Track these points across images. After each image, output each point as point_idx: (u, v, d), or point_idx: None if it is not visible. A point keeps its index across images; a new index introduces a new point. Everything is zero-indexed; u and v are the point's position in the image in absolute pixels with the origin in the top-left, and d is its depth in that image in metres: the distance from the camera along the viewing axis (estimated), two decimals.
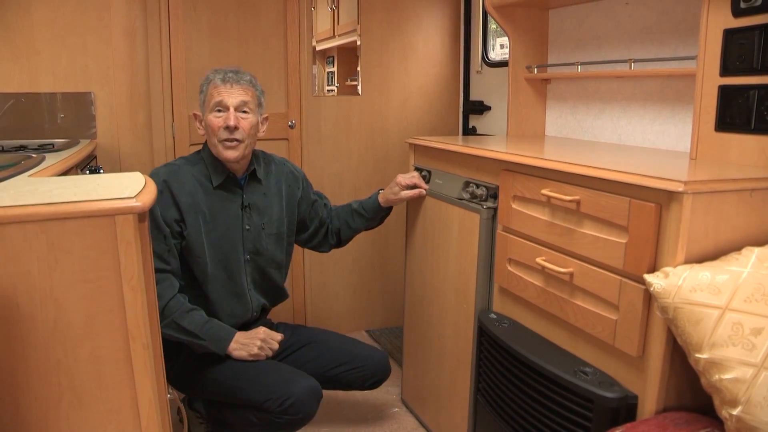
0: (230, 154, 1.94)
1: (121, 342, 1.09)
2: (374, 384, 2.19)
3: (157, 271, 1.81)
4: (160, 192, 1.88)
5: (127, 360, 1.10)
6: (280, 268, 2.19)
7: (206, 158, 2.01)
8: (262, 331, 2.01)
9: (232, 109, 1.93)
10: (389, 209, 2.32)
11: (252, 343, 1.96)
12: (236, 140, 1.93)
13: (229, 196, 2.02)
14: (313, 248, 2.36)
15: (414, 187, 2.26)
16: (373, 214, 2.28)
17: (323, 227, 2.30)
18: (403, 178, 2.26)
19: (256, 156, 2.09)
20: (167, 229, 1.89)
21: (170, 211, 1.91)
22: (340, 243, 2.35)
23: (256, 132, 2.01)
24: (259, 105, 2.02)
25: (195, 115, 2.04)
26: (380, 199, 2.27)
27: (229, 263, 2.02)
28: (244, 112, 1.95)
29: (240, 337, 1.96)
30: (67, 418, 1.09)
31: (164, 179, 1.92)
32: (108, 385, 1.10)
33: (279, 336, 2.03)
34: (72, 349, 1.07)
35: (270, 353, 1.99)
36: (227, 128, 1.91)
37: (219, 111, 1.93)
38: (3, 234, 0.99)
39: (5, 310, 1.01)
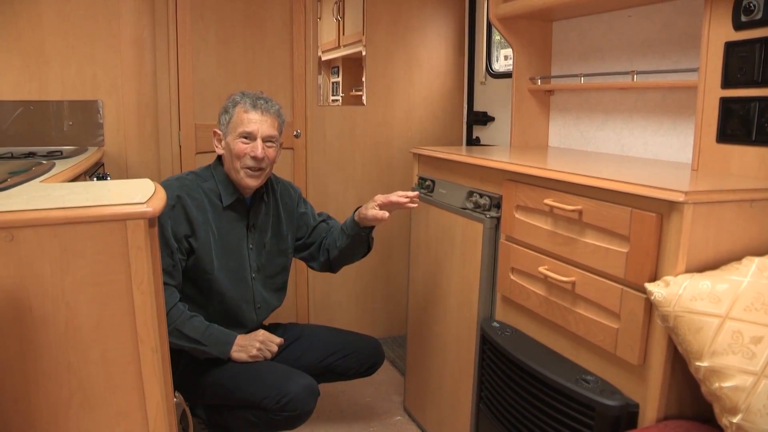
0: (252, 183, 1.98)
1: (130, 345, 1.11)
2: (370, 369, 2.22)
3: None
4: (171, 206, 1.90)
5: (136, 363, 1.12)
6: (284, 282, 2.23)
7: (217, 176, 2.02)
8: (261, 333, 2.05)
9: (260, 140, 1.95)
10: (368, 232, 2.14)
11: (251, 344, 1.99)
12: (260, 169, 1.97)
13: (237, 216, 2.04)
14: (304, 260, 2.31)
15: (391, 207, 2.07)
16: (350, 231, 2.11)
17: (316, 242, 2.24)
18: (381, 196, 2.06)
19: None
20: (175, 245, 1.90)
21: (181, 226, 1.92)
22: (330, 264, 2.22)
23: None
24: (280, 134, 2.06)
25: (215, 132, 2.04)
26: (355, 214, 2.12)
27: (236, 281, 2.05)
28: (270, 142, 1.98)
29: (240, 339, 1.99)
30: (77, 420, 1.11)
31: (178, 194, 1.92)
32: (117, 388, 1.12)
33: (278, 339, 2.06)
34: (82, 352, 1.09)
35: (269, 355, 2.01)
36: (254, 158, 1.94)
37: (246, 138, 1.95)
38: (17, 238, 1.01)
39: (18, 312, 1.03)
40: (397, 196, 2.04)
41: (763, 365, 1.17)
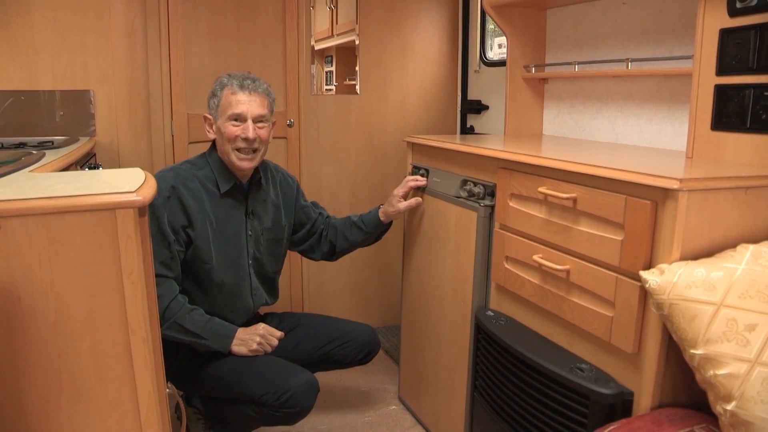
0: (246, 165, 1.96)
1: (120, 336, 1.10)
2: (366, 357, 2.22)
3: (158, 276, 1.79)
4: (167, 198, 1.87)
5: (127, 354, 1.11)
6: (278, 272, 2.23)
7: (213, 163, 2.00)
8: (261, 327, 2.03)
9: (250, 121, 1.93)
10: (388, 225, 2.32)
11: (251, 339, 1.97)
12: (253, 150, 1.96)
13: (235, 203, 2.03)
14: (302, 252, 2.36)
15: (413, 194, 2.29)
16: (372, 228, 2.28)
17: (315, 233, 2.30)
18: (399, 189, 2.27)
19: None
20: (172, 237, 1.87)
21: (178, 217, 1.89)
22: (333, 254, 2.33)
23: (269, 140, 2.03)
24: (271, 113, 2.03)
25: (205, 117, 2.00)
26: (380, 213, 2.27)
27: (235, 269, 2.03)
28: (261, 122, 1.97)
29: (240, 333, 1.98)
30: (67, 411, 1.10)
31: (172, 185, 1.90)
32: (108, 379, 1.11)
33: (278, 333, 2.05)
34: (72, 343, 1.08)
35: (269, 349, 2.00)
36: (245, 139, 1.93)
37: (236, 120, 1.93)
38: (4, 227, 1.00)
39: (7, 303, 1.02)
40: (413, 181, 2.27)
41: (758, 352, 1.16)
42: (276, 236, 2.17)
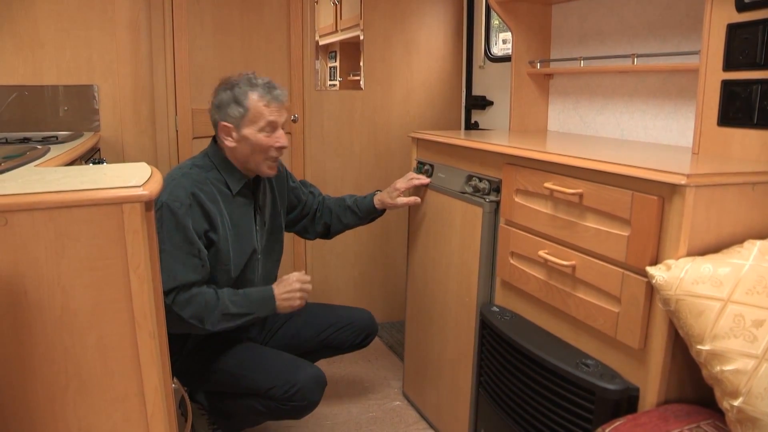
0: (273, 172, 1.99)
1: (127, 330, 1.10)
2: (365, 340, 2.24)
3: (191, 283, 1.80)
4: (189, 205, 1.83)
5: (134, 348, 1.11)
6: (279, 257, 2.24)
7: (219, 164, 1.96)
8: (294, 279, 1.98)
9: (281, 130, 1.94)
10: (383, 211, 2.34)
11: (292, 296, 1.95)
12: (279, 157, 1.99)
13: (245, 201, 2.02)
14: (297, 233, 2.38)
15: (413, 191, 2.30)
16: (366, 214, 2.31)
17: (308, 214, 2.32)
18: (402, 183, 2.28)
19: None
20: (200, 243, 1.84)
21: (200, 223, 1.86)
22: (328, 235, 2.37)
23: None
24: None
25: (225, 126, 1.91)
26: (376, 201, 2.28)
27: (248, 265, 2.03)
28: (283, 127, 1.98)
29: (278, 292, 1.94)
30: (74, 405, 1.10)
31: (191, 191, 1.85)
32: (114, 373, 1.11)
33: (307, 277, 2.02)
34: (79, 337, 1.08)
35: (307, 297, 1.99)
36: (279, 148, 1.94)
37: (268, 130, 1.91)
38: (11, 221, 1.00)
39: (13, 297, 1.02)
40: (417, 180, 2.27)
41: (765, 349, 1.16)
42: (277, 223, 2.17)
